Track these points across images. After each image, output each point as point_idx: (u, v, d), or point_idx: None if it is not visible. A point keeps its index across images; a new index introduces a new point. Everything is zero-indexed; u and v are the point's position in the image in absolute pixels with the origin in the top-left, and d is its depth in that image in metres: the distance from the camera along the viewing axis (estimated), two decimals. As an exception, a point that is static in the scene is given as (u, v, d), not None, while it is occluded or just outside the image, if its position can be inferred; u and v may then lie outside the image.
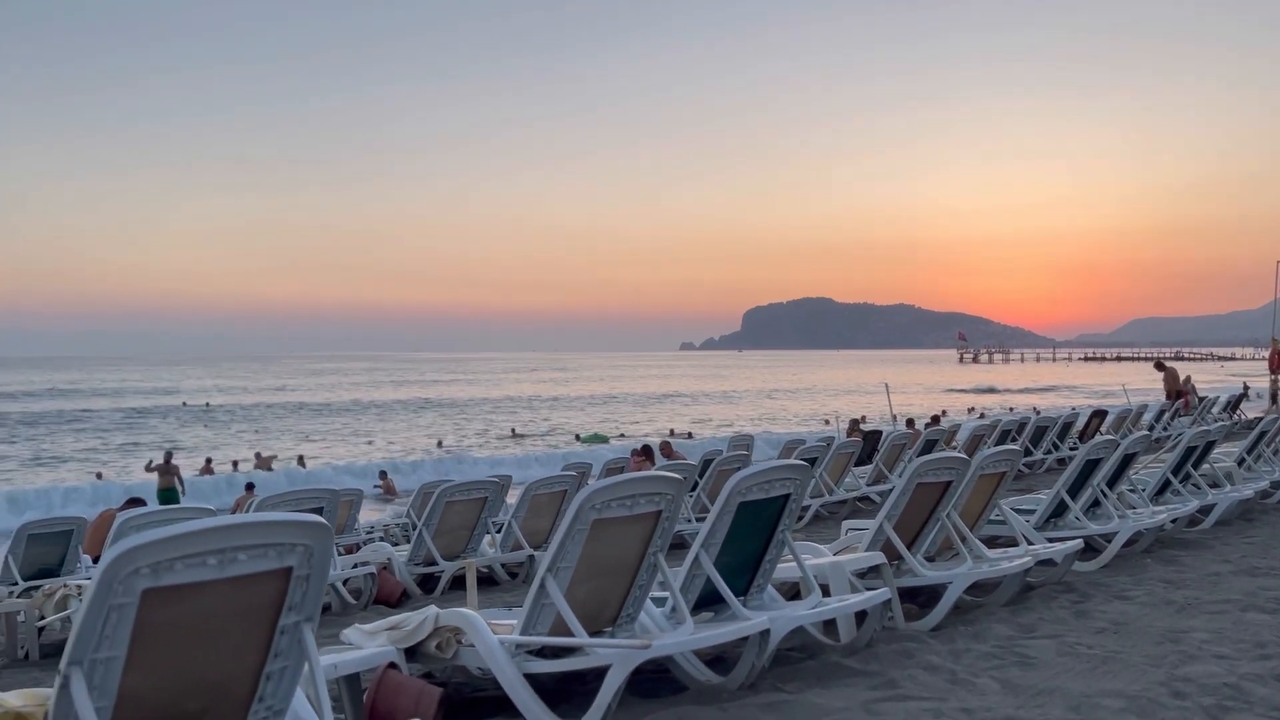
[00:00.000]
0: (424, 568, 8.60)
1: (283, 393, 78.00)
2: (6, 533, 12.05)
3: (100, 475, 29.03)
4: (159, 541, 2.62)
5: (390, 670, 3.93)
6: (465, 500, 8.71)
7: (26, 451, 38.59)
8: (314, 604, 3.03)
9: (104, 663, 2.63)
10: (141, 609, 2.64)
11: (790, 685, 4.18)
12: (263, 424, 49.84)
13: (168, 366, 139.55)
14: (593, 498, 3.89)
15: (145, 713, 2.77)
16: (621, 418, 56.15)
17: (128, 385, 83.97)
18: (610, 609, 4.25)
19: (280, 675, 3.04)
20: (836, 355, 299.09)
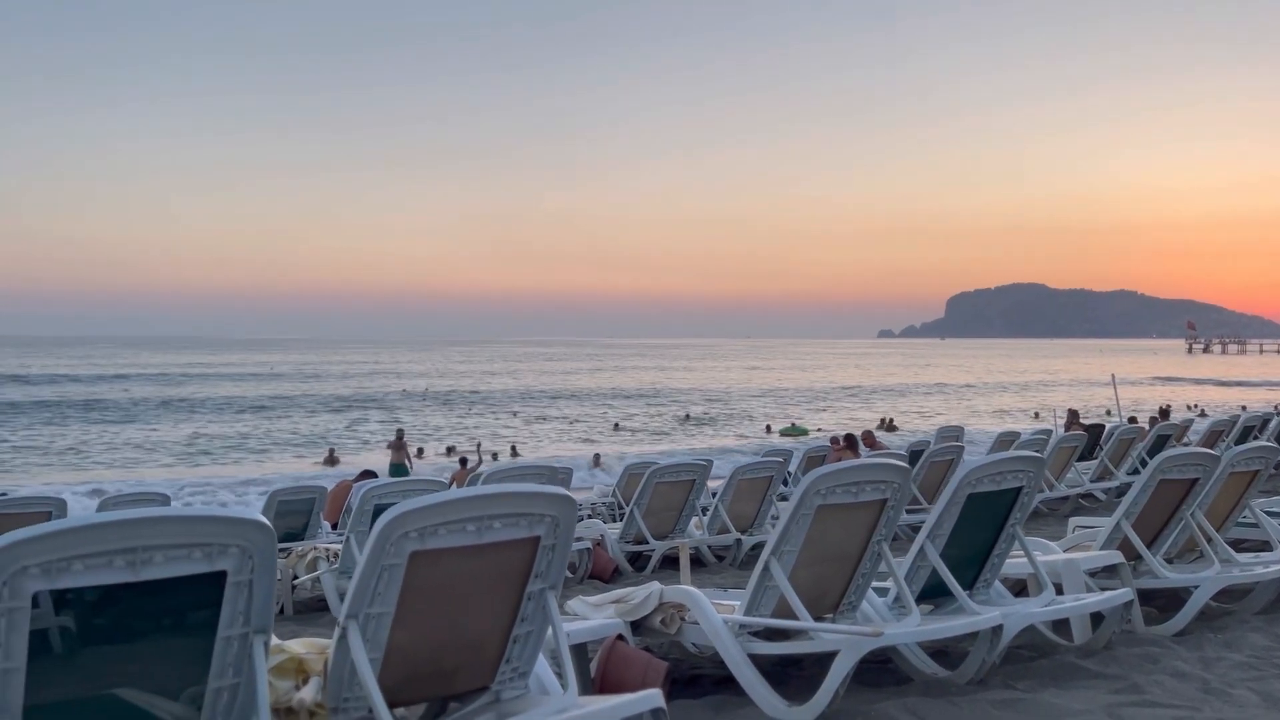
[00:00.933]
0: (634, 546, 8.82)
1: (494, 377, 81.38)
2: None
3: (332, 453, 31.46)
4: (426, 508, 2.83)
5: (619, 642, 4.07)
6: (673, 482, 8.88)
7: (261, 429, 41.95)
8: (558, 573, 3.18)
9: (376, 618, 2.86)
10: (409, 570, 2.85)
11: (1022, 684, 4.04)
12: (473, 410, 52.11)
13: (387, 350, 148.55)
14: (818, 483, 3.89)
15: (408, 667, 2.99)
16: (815, 407, 55.41)
17: (353, 369, 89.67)
18: (832, 595, 4.23)
19: (526, 639, 3.21)
20: (1049, 345, 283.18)
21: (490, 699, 3.24)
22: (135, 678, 2.59)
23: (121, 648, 2.55)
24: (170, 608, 2.57)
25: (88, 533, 2.34)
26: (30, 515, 9.04)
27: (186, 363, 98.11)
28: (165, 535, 2.45)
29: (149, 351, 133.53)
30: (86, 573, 2.37)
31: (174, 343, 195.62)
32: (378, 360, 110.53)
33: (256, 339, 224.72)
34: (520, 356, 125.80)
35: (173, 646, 2.62)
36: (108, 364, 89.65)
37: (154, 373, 77.14)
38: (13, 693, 2.37)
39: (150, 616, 2.55)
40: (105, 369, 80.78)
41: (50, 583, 2.33)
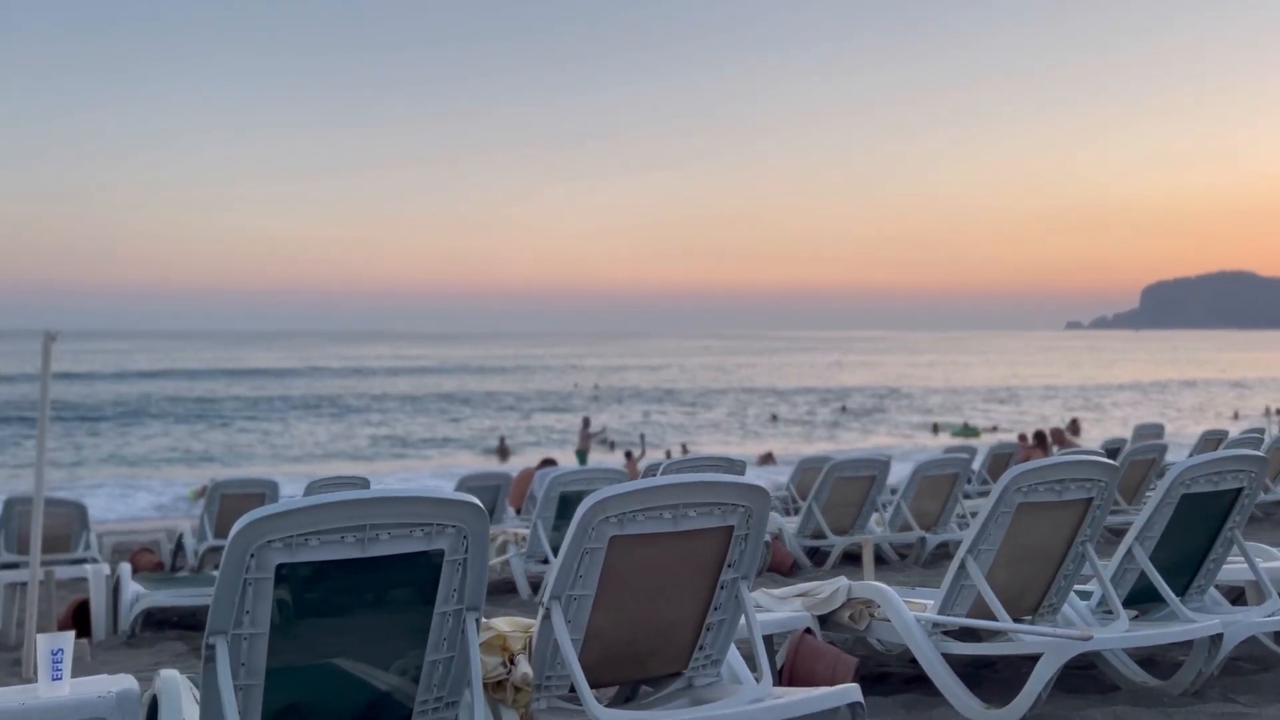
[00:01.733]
0: (812, 540, 8.74)
1: (659, 371, 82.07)
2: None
3: (503, 442, 32.83)
4: (627, 494, 2.91)
5: (807, 635, 4.05)
6: (852, 478, 8.74)
7: (439, 422, 43.75)
8: (751, 563, 3.20)
9: (577, 600, 2.96)
10: (609, 554, 2.94)
11: (1244, 698, 3.78)
12: (639, 408, 52.76)
13: (554, 344, 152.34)
14: (1018, 480, 3.75)
15: (606, 649, 3.08)
16: (996, 403, 53.18)
17: (524, 362, 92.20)
18: (1032, 597, 4.08)
19: (719, 627, 3.26)
20: (1259, 337, 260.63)
21: (683, 684, 3.30)
22: (359, 649, 2.77)
23: (348, 620, 2.74)
24: (392, 583, 2.73)
25: (324, 511, 2.52)
26: (251, 496, 9.82)
27: (377, 354, 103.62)
28: (390, 514, 2.61)
29: (341, 344, 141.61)
30: (321, 548, 2.57)
31: (366, 336, 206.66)
32: (549, 354, 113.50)
33: (437, 333, 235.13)
34: (688, 351, 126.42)
35: (394, 620, 2.79)
36: (309, 356, 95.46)
37: (348, 366, 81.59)
38: (258, 656, 2.59)
39: (375, 591, 2.73)
40: (308, 361, 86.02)
41: (290, 556, 2.54)
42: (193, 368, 72.41)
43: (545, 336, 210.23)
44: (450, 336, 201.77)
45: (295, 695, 2.71)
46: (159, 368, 71.74)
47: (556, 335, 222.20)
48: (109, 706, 2.91)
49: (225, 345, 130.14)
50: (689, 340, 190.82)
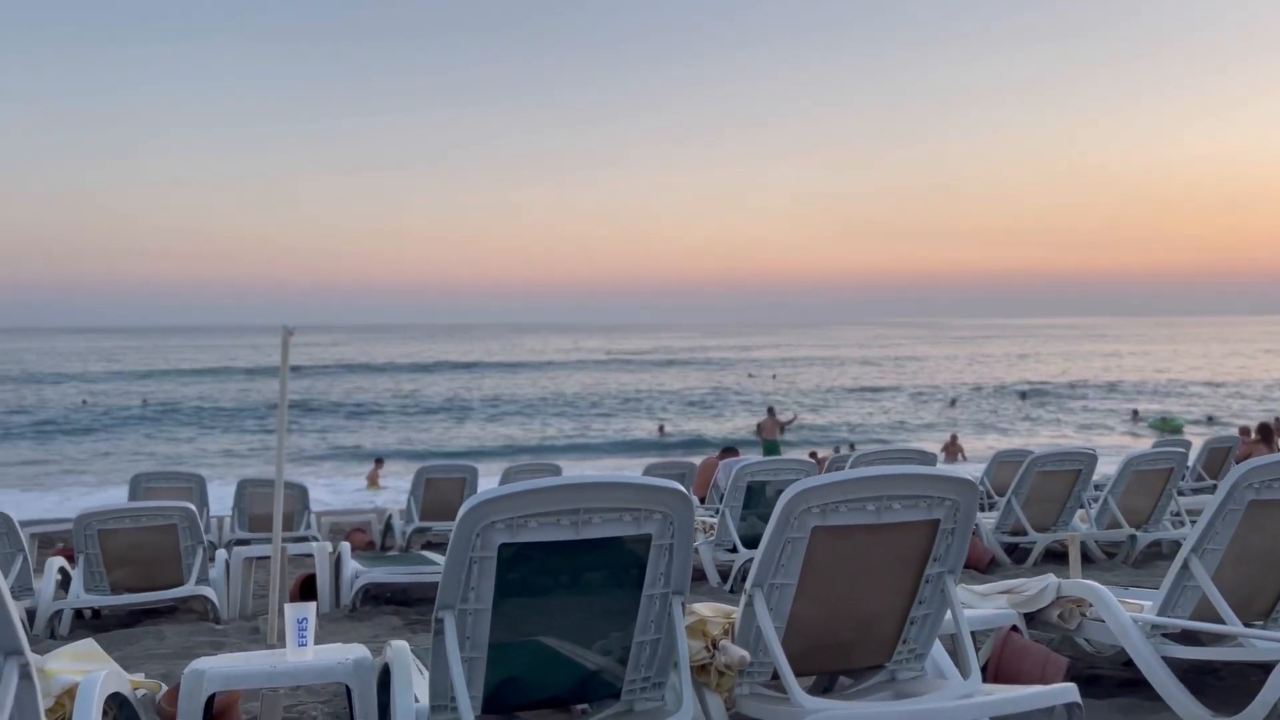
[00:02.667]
0: (1011, 536, 8.42)
1: (829, 360, 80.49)
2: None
3: (662, 427, 33.45)
4: (829, 485, 2.92)
5: (1014, 633, 3.93)
6: (1054, 472, 8.35)
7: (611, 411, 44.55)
8: (957, 558, 3.14)
9: (779, 588, 3.00)
10: (811, 543, 2.96)
11: None
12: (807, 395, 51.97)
13: (728, 334, 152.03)
14: (1251, 475, 3.51)
15: (808, 638, 3.10)
16: (1209, 392, 49.35)
17: (693, 355, 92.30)
18: (1263, 601, 3.81)
19: (923, 621, 3.21)
20: None
21: (885, 677, 3.28)
22: (571, 628, 2.90)
23: (562, 599, 2.87)
24: (602, 565, 2.84)
25: (543, 494, 2.67)
26: (453, 481, 10.35)
27: (558, 346, 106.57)
28: (602, 499, 2.73)
29: (524, 335, 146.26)
30: (540, 529, 2.70)
31: (537, 328, 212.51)
32: (720, 344, 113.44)
33: (602, 324, 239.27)
34: (861, 341, 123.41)
35: (603, 601, 2.90)
36: (491, 350, 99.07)
37: (537, 359, 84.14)
38: (481, 630, 2.76)
39: (586, 572, 2.84)
40: (491, 355, 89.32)
41: (511, 536, 2.69)
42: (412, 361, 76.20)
43: (715, 327, 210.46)
44: (618, 328, 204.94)
45: (514, 669, 2.87)
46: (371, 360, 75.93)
47: (726, 326, 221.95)
48: (347, 671, 3.17)
49: (416, 339, 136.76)
50: (865, 328, 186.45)
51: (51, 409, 42.99)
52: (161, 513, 6.47)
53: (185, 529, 6.52)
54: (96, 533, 6.37)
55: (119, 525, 6.42)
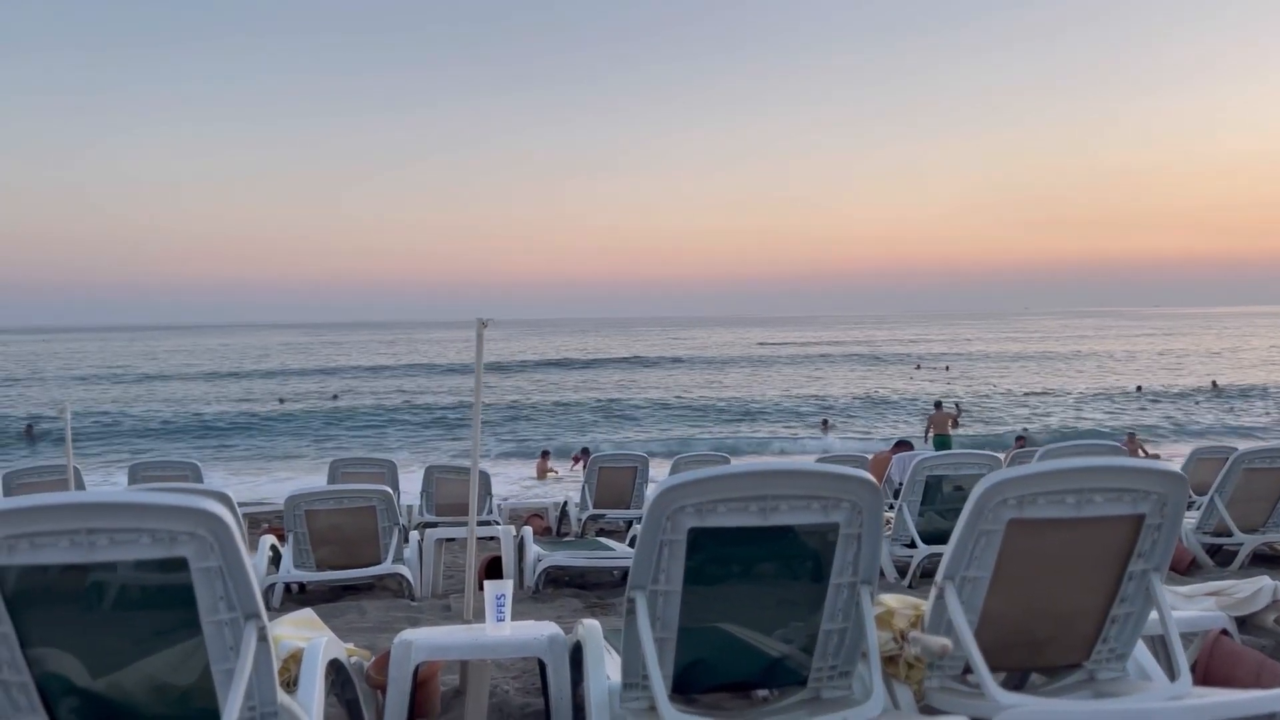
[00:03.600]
0: (1213, 538, 7.90)
1: (1005, 352, 76.97)
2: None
3: (825, 423, 33.13)
4: (1026, 477, 2.84)
5: (1223, 637, 3.71)
6: (1266, 469, 7.77)
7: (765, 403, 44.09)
8: (1164, 555, 2.99)
9: (972, 581, 2.94)
10: (1006, 537, 2.89)
11: None
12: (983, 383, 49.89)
13: (899, 325, 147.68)
14: None
15: (1001, 633, 3.02)
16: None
17: (861, 347, 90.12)
18: None
19: (1125, 620, 3.08)
20: None
21: (1084, 676, 3.16)
22: (759, 613, 2.94)
23: (750, 584, 2.90)
24: (790, 553, 2.86)
25: (732, 480, 2.71)
26: (624, 470, 10.58)
27: (745, 339, 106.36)
28: (790, 486, 2.75)
29: (708, 329, 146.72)
30: (728, 514, 2.75)
31: (702, 321, 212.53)
32: (887, 335, 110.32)
33: (763, 317, 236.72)
34: (1041, 331, 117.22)
35: (790, 588, 2.92)
36: (671, 345, 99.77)
37: (724, 356, 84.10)
38: (671, 611, 2.83)
39: (774, 559, 2.87)
40: (668, 350, 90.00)
41: (700, 521, 2.74)
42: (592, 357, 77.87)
43: (881, 319, 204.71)
44: (779, 320, 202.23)
45: (702, 652, 2.93)
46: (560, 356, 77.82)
47: (896, 318, 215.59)
48: (542, 647, 3.31)
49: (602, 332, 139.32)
50: (1045, 318, 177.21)
51: (255, 403, 46.33)
52: (362, 495, 6.91)
53: (383, 510, 6.93)
54: (304, 513, 6.86)
55: (323, 506, 6.89)
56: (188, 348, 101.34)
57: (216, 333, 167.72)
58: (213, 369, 67.11)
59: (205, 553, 2.45)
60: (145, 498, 2.39)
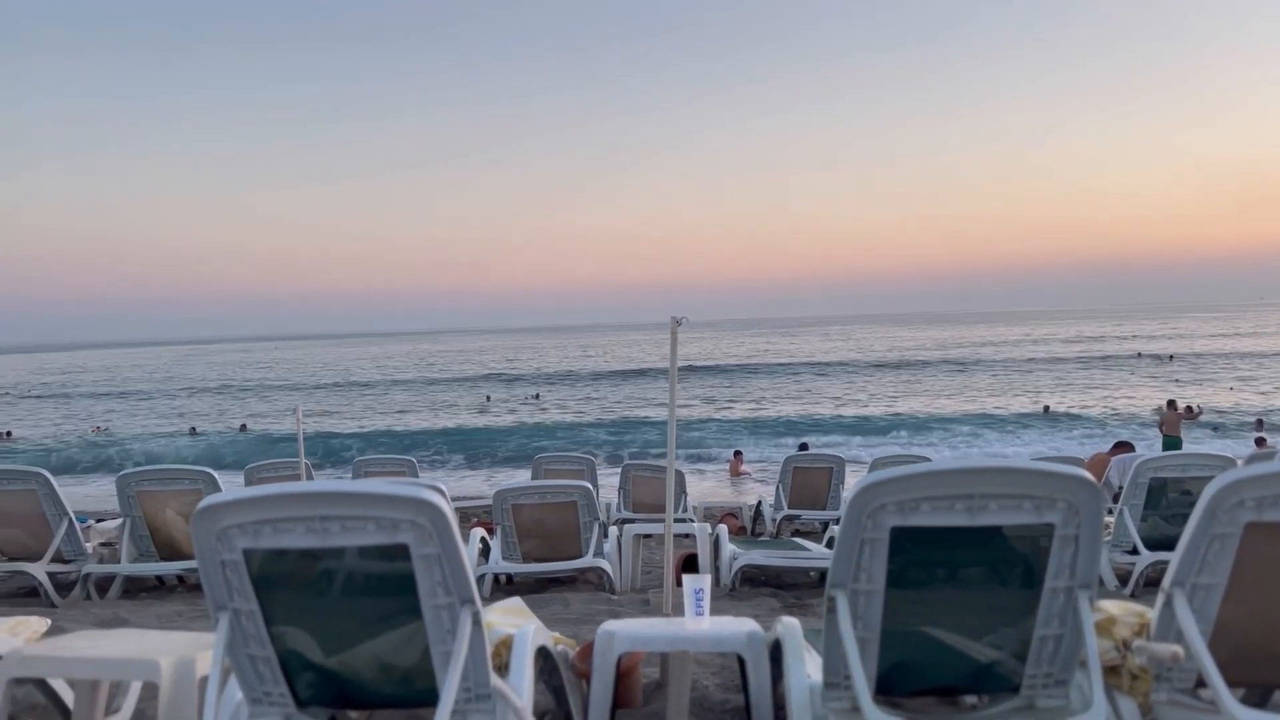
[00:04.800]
0: None
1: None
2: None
3: (1049, 408, 31.71)
4: (1264, 476, 2.61)
5: None
6: None
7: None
8: None
9: (1204, 588, 2.73)
10: (1244, 541, 2.67)
11: None
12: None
13: (1119, 319, 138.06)
14: None
15: (1237, 645, 2.79)
16: None
17: (1076, 339, 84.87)
18: None
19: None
20: None
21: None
22: (967, 616, 2.83)
23: (956, 586, 2.80)
24: (999, 554, 2.74)
25: (935, 478, 2.63)
26: (820, 470, 10.43)
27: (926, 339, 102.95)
28: (1001, 485, 2.63)
29: (937, 327, 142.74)
30: (932, 513, 2.67)
31: (921, 319, 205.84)
32: (1107, 328, 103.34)
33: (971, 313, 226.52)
34: None
35: (1001, 591, 2.79)
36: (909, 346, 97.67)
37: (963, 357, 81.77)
38: (873, 611, 2.77)
39: (982, 560, 2.76)
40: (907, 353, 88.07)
41: (903, 520, 2.68)
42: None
43: (1104, 313, 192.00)
44: (988, 316, 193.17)
45: (906, 654, 2.85)
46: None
47: (1116, 310, 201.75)
48: (741, 643, 3.32)
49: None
50: None
51: (461, 405, 48.65)
52: (564, 491, 7.13)
53: (584, 506, 7.13)
54: (510, 507, 7.15)
55: (528, 501, 7.16)
56: (406, 353, 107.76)
57: (426, 339, 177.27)
58: (424, 374, 71.10)
59: (425, 540, 2.60)
60: (371, 487, 2.57)
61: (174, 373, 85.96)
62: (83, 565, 7.16)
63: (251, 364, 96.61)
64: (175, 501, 7.29)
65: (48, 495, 7.08)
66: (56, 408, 54.53)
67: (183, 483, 7.30)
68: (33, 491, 7.07)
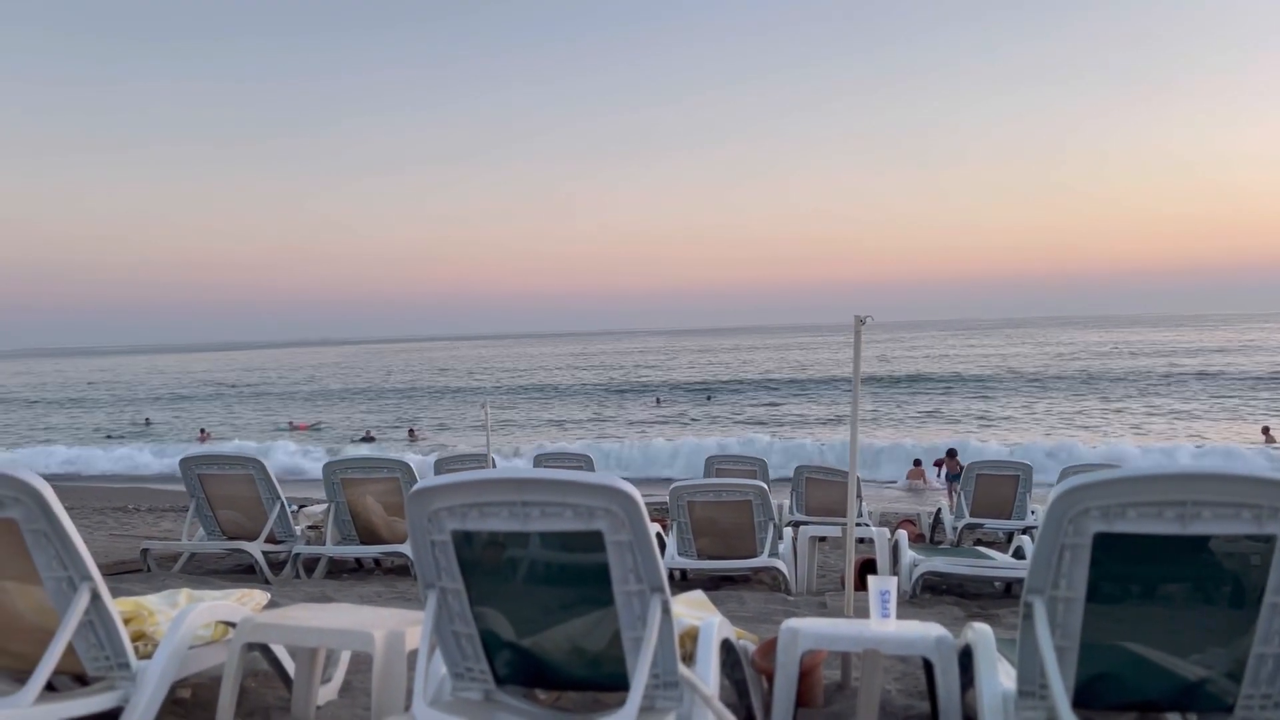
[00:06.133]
0: None
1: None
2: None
3: (1267, 432, 28.96)
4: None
5: None
6: None
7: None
8: None
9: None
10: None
11: None
12: None
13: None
14: None
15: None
16: None
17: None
18: None
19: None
20: None
21: None
22: (1173, 630, 2.69)
23: (1164, 597, 2.66)
24: (1211, 563, 2.60)
25: (1145, 482, 2.53)
26: (1005, 478, 10.07)
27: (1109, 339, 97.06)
28: (1215, 492, 2.51)
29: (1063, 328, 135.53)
30: (1138, 520, 2.56)
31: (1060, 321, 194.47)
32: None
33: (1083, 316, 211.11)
34: None
35: (1213, 605, 2.65)
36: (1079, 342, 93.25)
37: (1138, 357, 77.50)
38: (1074, 620, 2.68)
39: (1191, 570, 2.62)
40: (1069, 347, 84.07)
41: (1108, 525, 2.58)
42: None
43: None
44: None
45: (1106, 665, 2.75)
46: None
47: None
48: (929, 646, 3.27)
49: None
50: None
51: (629, 400, 49.36)
52: (739, 489, 7.17)
53: (759, 505, 7.15)
54: (686, 504, 7.25)
55: (703, 498, 7.24)
56: (577, 353, 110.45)
57: (596, 340, 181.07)
58: (604, 375, 72.71)
59: (618, 527, 2.70)
60: (570, 475, 2.69)
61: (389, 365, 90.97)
62: (292, 546, 7.73)
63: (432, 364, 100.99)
64: (375, 489, 7.76)
65: (263, 480, 7.68)
66: (257, 404, 58.84)
67: (381, 472, 7.77)
68: (249, 476, 7.68)
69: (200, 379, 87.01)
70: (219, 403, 61.07)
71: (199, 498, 7.81)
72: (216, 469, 7.75)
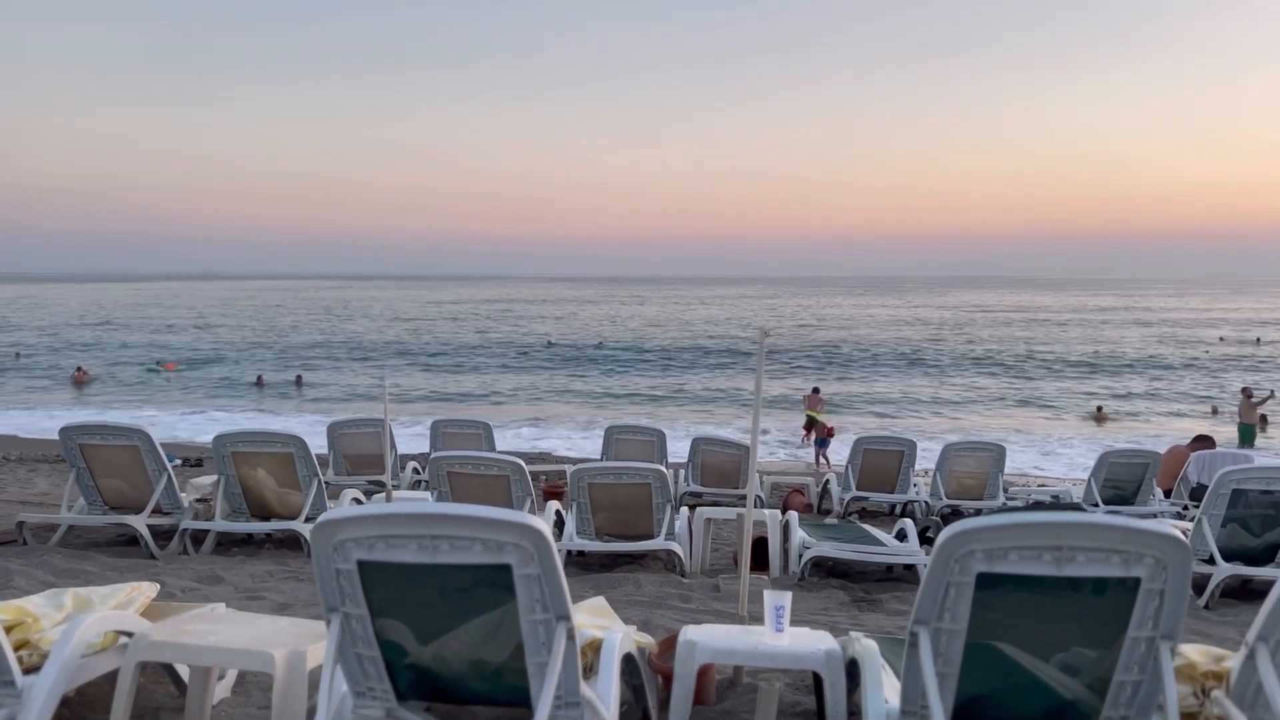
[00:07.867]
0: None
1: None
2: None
3: (1100, 410, 30.63)
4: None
5: None
6: None
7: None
8: None
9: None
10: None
11: None
12: None
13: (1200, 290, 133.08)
14: None
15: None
16: None
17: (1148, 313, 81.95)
18: None
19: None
20: None
21: None
22: (1047, 658, 2.87)
23: (1039, 631, 2.83)
24: (1084, 603, 2.77)
25: (1024, 529, 2.69)
26: (891, 453, 10.44)
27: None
28: (1089, 538, 2.68)
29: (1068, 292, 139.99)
30: (1020, 562, 2.73)
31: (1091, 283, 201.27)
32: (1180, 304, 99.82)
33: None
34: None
35: (1083, 638, 2.82)
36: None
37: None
38: (955, 649, 2.84)
39: (1067, 607, 2.78)
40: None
41: (990, 566, 2.74)
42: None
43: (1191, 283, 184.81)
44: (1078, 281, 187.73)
45: (984, 687, 2.93)
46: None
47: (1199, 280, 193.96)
48: (819, 661, 3.43)
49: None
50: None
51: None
52: (640, 473, 7.28)
53: (658, 488, 7.28)
54: (587, 485, 7.33)
55: (604, 480, 7.33)
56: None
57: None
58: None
59: (527, 561, 2.74)
60: (480, 511, 2.71)
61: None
62: (180, 519, 7.53)
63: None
64: (267, 463, 7.61)
65: (149, 451, 7.44)
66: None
67: (275, 446, 7.61)
68: (135, 447, 7.43)
69: (121, 312, 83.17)
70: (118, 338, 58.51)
71: (79, 467, 7.53)
72: (99, 439, 7.47)
